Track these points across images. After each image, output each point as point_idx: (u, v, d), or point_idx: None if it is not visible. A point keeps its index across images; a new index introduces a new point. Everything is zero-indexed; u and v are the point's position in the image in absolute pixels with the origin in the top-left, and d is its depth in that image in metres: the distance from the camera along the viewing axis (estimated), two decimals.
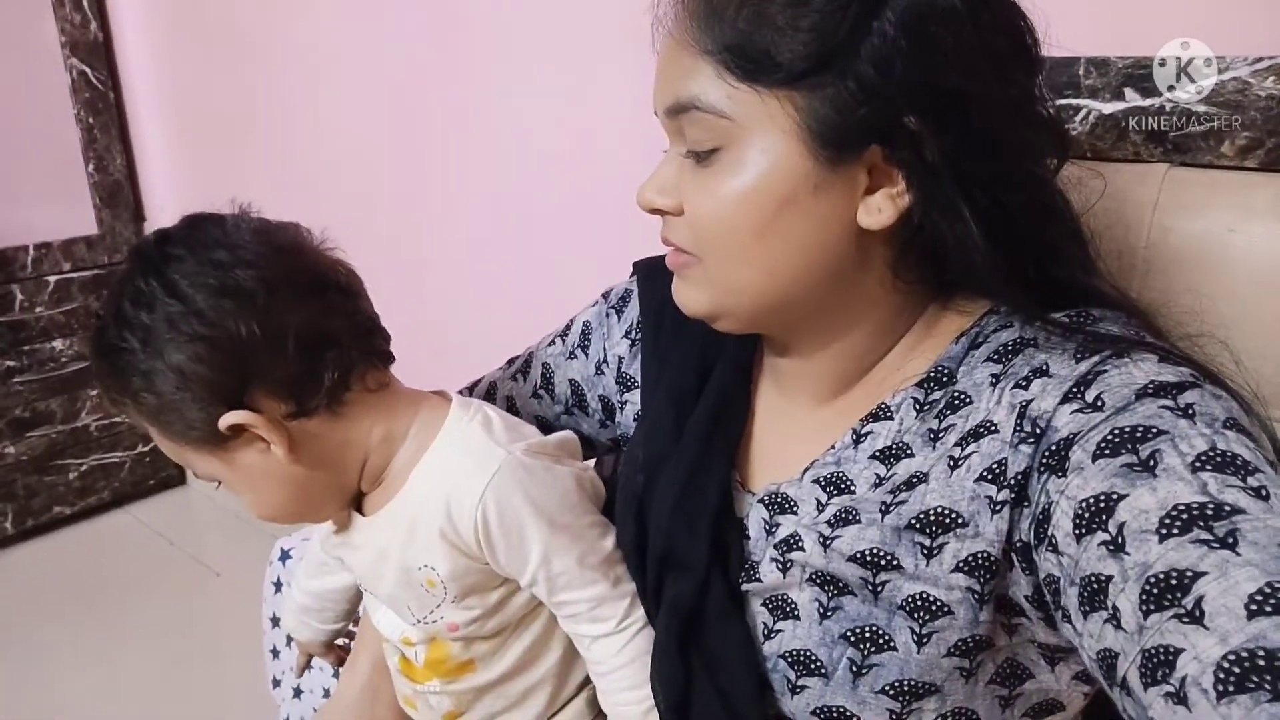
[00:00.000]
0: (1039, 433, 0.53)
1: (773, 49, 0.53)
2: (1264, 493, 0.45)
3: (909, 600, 0.56)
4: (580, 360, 0.84)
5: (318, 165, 1.97)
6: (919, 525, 0.56)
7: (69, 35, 2.25)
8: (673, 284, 0.64)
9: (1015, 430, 0.54)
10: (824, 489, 0.63)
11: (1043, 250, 0.58)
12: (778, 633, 0.61)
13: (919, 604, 0.56)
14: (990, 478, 0.54)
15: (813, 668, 0.59)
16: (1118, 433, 0.49)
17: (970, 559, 0.54)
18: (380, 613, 0.77)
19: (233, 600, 2.09)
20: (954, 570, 0.55)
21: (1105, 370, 0.52)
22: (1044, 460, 0.52)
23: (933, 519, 0.56)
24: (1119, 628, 0.46)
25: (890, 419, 0.62)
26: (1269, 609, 0.41)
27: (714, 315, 0.62)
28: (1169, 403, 0.49)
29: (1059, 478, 0.51)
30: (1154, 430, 0.48)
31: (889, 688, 0.57)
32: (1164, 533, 0.45)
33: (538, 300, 1.23)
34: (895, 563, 0.57)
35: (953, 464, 0.57)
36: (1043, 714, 0.60)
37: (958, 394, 0.59)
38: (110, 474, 2.50)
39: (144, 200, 2.46)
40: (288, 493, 0.68)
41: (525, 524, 0.67)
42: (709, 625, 0.64)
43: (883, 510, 0.58)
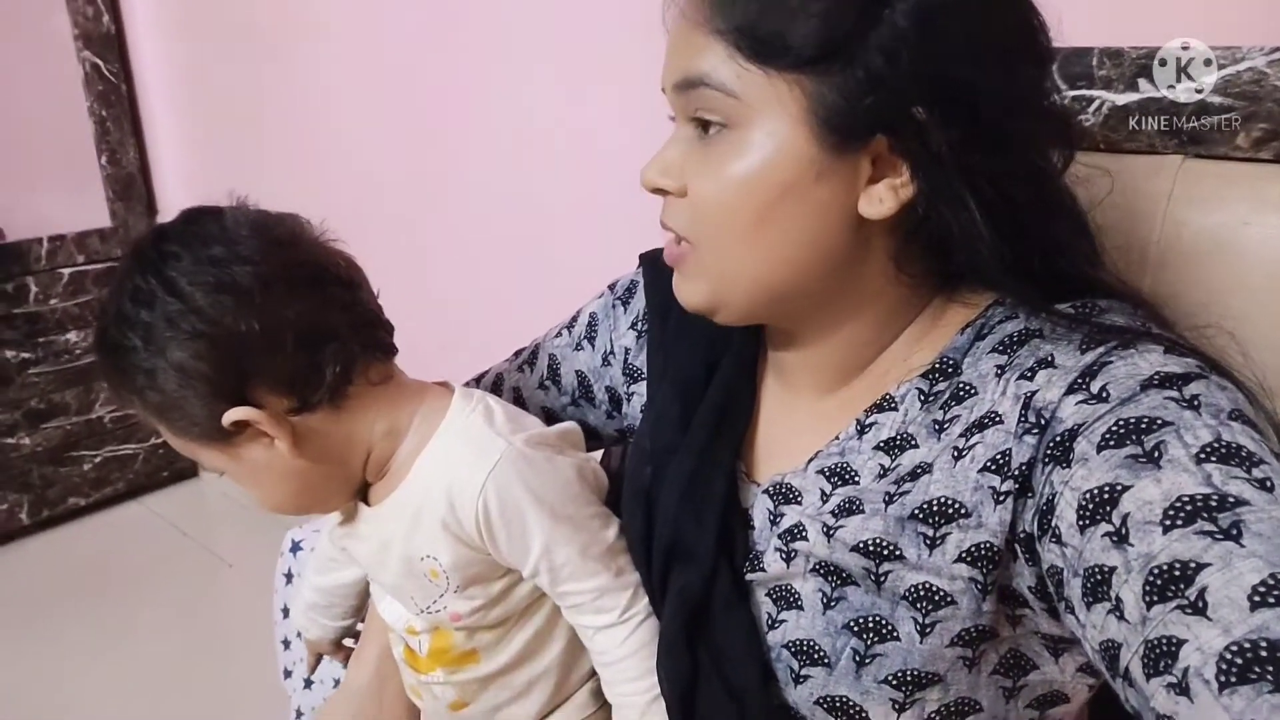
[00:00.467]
0: (1044, 424, 0.52)
1: (784, 31, 0.53)
2: (1269, 484, 0.45)
3: (912, 590, 0.56)
4: (587, 351, 0.84)
5: (328, 156, 1.97)
6: (922, 515, 0.56)
7: (81, 28, 2.26)
8: (673, 280, 0.64)
9: (1020, 421, 0.54)
10: (828, 479, 0.63)
11: (1049, 243, 0.58)
12: (782, 623, 0.61)
13: (922, 594, 0.56)
14: (994, 468, 0.54)
15: (816, 658, 0.59)
16: (1122, 424, 0.49)
17: (973, 549, 0.54)
18: (385, 602, 0.78)
19: (245, 591, 2.11)
20: (957, 560, 0.55)
21: (1110, 361, 0.52)
22: (1048, 451, 0.52)
23: (936, 509, 0.56)
24: (1122, 619, 0.45)
25: (895, 410, 0.62)
26: (1272, 600, 0.40)
27: (713, 307, 0.62)
28: (1174, 394, 0.49)
29: (1063, 469, 0.50)
30: (1159, 421, 0.48)
31: (892, 678, 0.57)
32: (1168, 524, 0.45)
33: (544, 292, 1.23)
34: (898, 553, 0.56)
35: (957, 454, 0.56)
36: (1047, 706, 0.60)
37: (963, 385, 0.59)
38: (125, 465, 2.52)
39: (156, 192, 2.48)
40: (293, 486, 0.69)
41: (526, 515, 0.67)
42: (715, 616, 0.64)
43: (886, 500, 0.58)
